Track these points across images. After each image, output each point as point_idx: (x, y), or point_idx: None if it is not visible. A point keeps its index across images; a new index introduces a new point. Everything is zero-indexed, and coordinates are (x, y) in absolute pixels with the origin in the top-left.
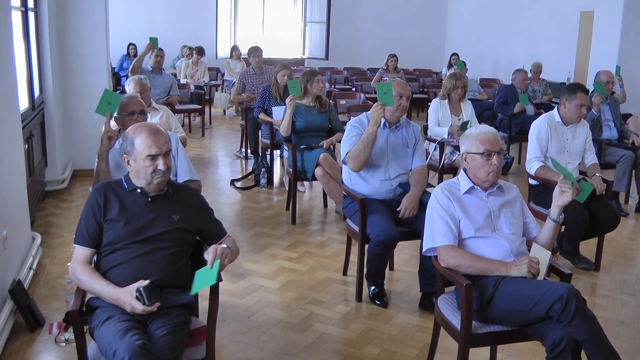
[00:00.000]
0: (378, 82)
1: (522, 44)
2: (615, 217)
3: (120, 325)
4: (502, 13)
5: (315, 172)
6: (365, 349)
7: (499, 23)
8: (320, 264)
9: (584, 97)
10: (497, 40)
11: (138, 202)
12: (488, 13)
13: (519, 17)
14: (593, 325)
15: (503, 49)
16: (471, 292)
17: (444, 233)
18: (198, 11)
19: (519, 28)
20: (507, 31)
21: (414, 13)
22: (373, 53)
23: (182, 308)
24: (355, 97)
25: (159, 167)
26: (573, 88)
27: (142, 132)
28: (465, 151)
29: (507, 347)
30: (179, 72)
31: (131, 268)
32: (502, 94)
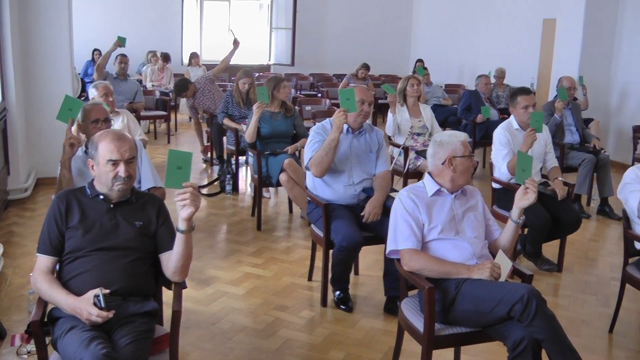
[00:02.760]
0: (340, 89)
1: (486, 50)
2: (577, 219)
3: (84, 335)
4: (466, 20)
5: (280, 177)
6: (330, 353)
7: (464, 30)
8: (285, 269)
9: (525, 99)
10: (462, 47)
11: (100, 209)
12: (453, 20)
13: (484, 23)
14: (553, 325)
15: (468, 55)
16: (433, 295)
17: (407, 236)
18: (164, 17)
19: (484, 34)
20: (471, 38)
21: (380, 19)
22: (339, 59)
23: (146, 316)
24: (321, 103)
25: (119, 174)
26: (514, 94)
27: (107, 137)
28: (451, 155)
29: (471, 348)
30: (144, 78)
31: (93, 276)
32: (465, 99)
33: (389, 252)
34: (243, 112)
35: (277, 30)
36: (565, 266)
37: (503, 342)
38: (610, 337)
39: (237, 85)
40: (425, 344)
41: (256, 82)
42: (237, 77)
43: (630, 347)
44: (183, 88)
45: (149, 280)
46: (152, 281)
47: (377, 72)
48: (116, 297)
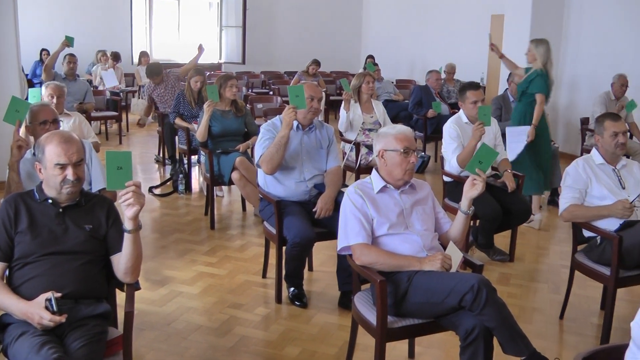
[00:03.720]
0: (289, 86)
1: (436, 45)
2: (527, 210)
3: (36, 340)
4: (416, 16)
5: (232, 176)
6: (285, 349)
7: (414, 25)
8: (239, 267)
9: (474, 94)
10: (412, 43)
11: (49, 214)
12: (403, 16)
13: (433, 19)
14: (503, 313)
15: (418, 51)
16: (385, 288)
17: (358, 231)
18: (112, 16)
19: (434, 30)
20: (421, 33)
21: (330, 16)
22: (290, 56)
23: (98, 318)
24: (273, 100)
25: (67, 177)
26: (463, 89)
27: (53, 140)
28: (382, 149)
29: (425, 340)
30: (94, 78)
31: (44, 281)
32: (416, 94)
33: (341, 248)
34: (194, 111)
35: (227, 29)
36: (516, 256)
37: (455, 332)
38: (560, 322)
39: (188, 84)
40: (379, 337)
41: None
42: (189, 76)
43: (580, 331)
44: (157, 72)
45: (101, 282)
46: (104, 283)
47: (329, 69)
48: (68, 300)
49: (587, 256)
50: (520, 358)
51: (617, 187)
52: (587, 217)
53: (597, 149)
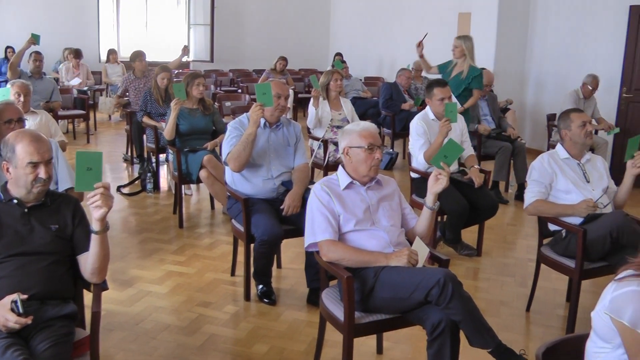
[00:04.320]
0: (257, 84)
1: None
2: (494, 205)
3: (0, 343)
4: (384, 13)
5: (200, 174)
6: (254, 347)
7: (382, 23)
8: (208, 265)
9: (441, 91)
10: (381, 40)
11: (14, 214)
12: (371, 13)
13: (401, 17)
14: (469, 306)
15: (386, 48)
16: (352, 284)
17: (324, 228)
18: (79, 13)
19: (401, 28)
20: (390, 31)
21: (298, 14)
22: (258, 54)
23: (65, 319)
24: (241, 98)
25: (40, 175)
26: (430, 86)
27: (24, 138)
28: (347, 145)
29: (393, 335)
30: (61, 75)
31: (10, 282)
32: (387, 91)
33: (308, 245)
34: (162, 109)
35: (196, 27)
36: (484, 250)
37: (422, 326)
38: (527, 315)
39: (155, 82)
40: (346, 332)
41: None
42: (155, 73)
43: (546, 323)
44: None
45: (67, 283)
46: (71, 284)
47: (297, 67)
48: (34, 301)
49: (552, 249)
50: (486, 350)
51: (582, 181)
52: (552, 214)
53: (562, 144)
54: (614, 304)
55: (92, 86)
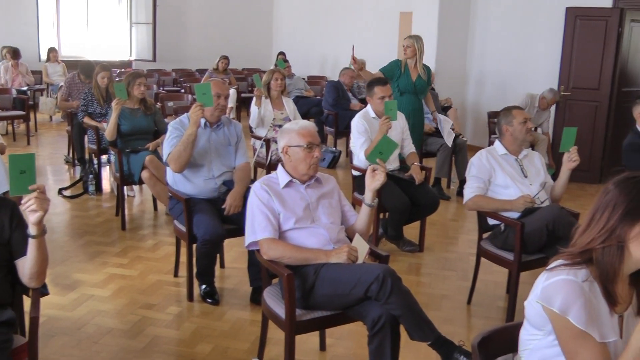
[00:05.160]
0: (197, 84)
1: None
2: (435, 202)
3: None
4: (327, 13)
5: (142, 175)
6: (197, 347)
7: (325, 22)
8: (151, 267)
9: (382, 89)
10: (323, 39)
11: None
12: (313, 13)
13: (344, 16)
14: (408, 300)
15: (329, 47)
16: (293, 281)
17: (265, 226)
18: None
19: (344, 27)
20: (332, 30)
21: (241, 13)
22: (201, 54)
23: (2, 326)
24: (184, 98)
25: None
26: (370, 84)
27: None
28: (286, 144)
29: (336, 331)
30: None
31: None
32: (333, 90)
33: (248, 244)
34: (103, 109)
35: (137, 25)
36: (426, 246)
37: (363, 322)
38: (468, 308)
39: (95, 81)
40: (287, 330)
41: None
42: (95, 73)
43: (486, 315)
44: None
45: (5, 288)
46: (8, 289)
47: (240, 66)
48: None
49: (492, 243)
50: (426, 343)
51: (520, 176)
52: (491, 208)
53: (500, 140)
54: (545, 292)
55: (32, 86)
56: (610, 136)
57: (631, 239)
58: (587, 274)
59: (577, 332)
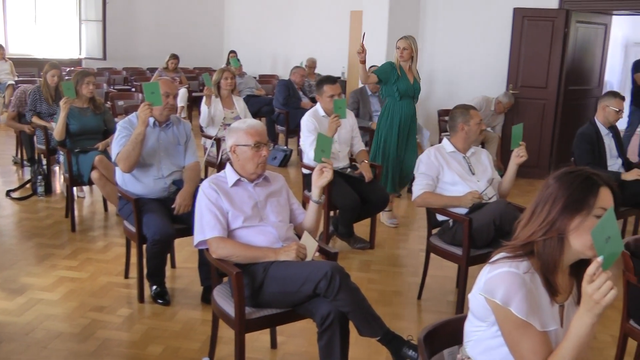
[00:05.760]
0: (144, 83)
1: (298, 41)
2: (385, 199)
3: None
4: (278, 11)
5: (91, 175)
6: (148, 348)
7: (276, 21)
8: (101, 269)
9: (331, 88)
10: (275, 38)
11: None
12: (264, 11)
13: (295, 15)
14: (357, 297)
15: (280, 46)
16: (241, 280)
17: (213, 225)
18: None
19: (295, 26)
20: (283, 29)
21: (192, 11)
22: (152, 52)
23: None
24: (134, 97)
25: None
26: (320, 83)
27: None
28: (234, 144)
29: (287, 329)
30: None
31: None
32: (284, 89)
33: (197, 243)
34: (52, 108)
35: (87, 23)
36: (377, 243)
37: (312, 319)
38: (419, 303)
39: (45, 80)
40: (237, 328)
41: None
42: (45, 71)
43: (437, 309)
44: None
45: None
46: None
47: (192, 65)
48: None
49: (441, 238)
50: (375, 339)
51: (467, 174)
52: (439, 205)
53: (449, 137)
54: (488, 285)
55: None
56: (558, 133)
57: (571, 231)
58: (529, 266)
59: (519, 322)
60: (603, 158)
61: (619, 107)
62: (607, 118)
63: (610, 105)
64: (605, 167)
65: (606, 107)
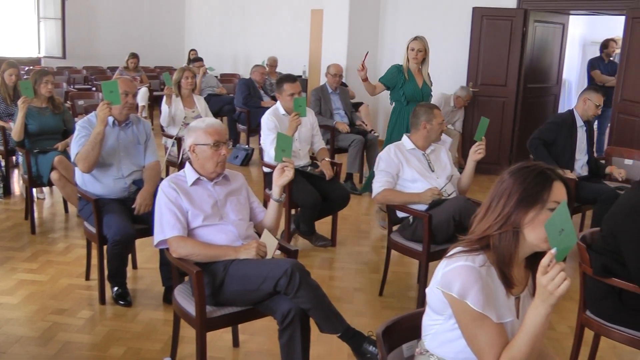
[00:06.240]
0: (103, 82)
1: (259, 39)
2: (345, 196)
3: None
4: (239, 10)
5: (51, 176)
6: (110, 350)
7: (236, 20)
8: (62, 271)
9: (291, 86)
10: (236, 37)
11: None
12: (225, 10)
13: (256, 14)
14: (317, 294)
15: (241, 45)
16: (202, 279)
17: (173, 224)
18: None
19: (256, 24)
20: (244, 28)
21: (153, 9)
22: (113, 51)
23: None
24: (94, 97)
25: None
26: (280, 81)
27: None
28: (193, 143)
29: (249, 328)
30: None
31: None
32: (244, 88)
33: (157, 243)
34: (10, 108)
35: (46, 20)
36: (339, 240)
37: (273, 317)
38: (380, 299)
39: (2, 79)
40: (198, 327)
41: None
42: (2, 70)
43: (398, 305)
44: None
45: None
46: None
47: (153, 64)
48: None
49: (401, 235)
50: (336, 335)
51: (427, 170)
52: (399, 202)
53: (409, 135)
54: (445, 278)
55: None
56: (517, 130)
57: (525, 225)
58: (485, 259)
59: (475, 314)
60: (573, 147)
61: (599, 102)
62: (587, 111)
63: (592, 98)
64: (573, 155)
65: (587, 100)
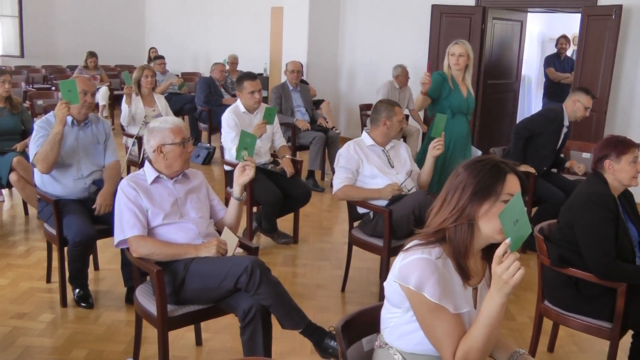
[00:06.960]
0: (61, 81)
1: (220, 38)
2: (307, 193)
3: None
4: (199, 8)
5: (10, 177)
6: (72, 353)
7: (197, 18)
8: (23, 274)
9: (251, 84)
10: (196, 35)
11: None
12: (186, 8)
13: (216, 11)
14: (278, 290)
15: (202, 43)
16: (162, 278)
17: (133, 224)
18: None
19: (217, 22)
20: (205, 26)
21: (113, 7)
22: (73, 50)
23: None
24: (54, 96)
25: None
26: (240, 79)
27: None
28: (159, 143)
29: (212, 326)
30: None
31: None
32: (205, 86)
33: (117, 242)
34: None
35: (2, 18)
36: (301, 237)
37: (235, 314)
38: (342, 295)
39: None
40: (160, 326)
41: None
42: None
43: (361, 301)
44: None
45: None
46: None
47: (113, 62)
48: None
49: (362, 231)
50: (297, 331)
51: (387, 166)
52: (359, 198)
53: (368, 131)
54: (402, 271)
55: None
56: (478, 125)
57: (480, 217)
58: (441, 252)
59: (432, 306)
60: (555, 144)
61: (589, 105)
62: (575, 112)
63: (581, 100)
64: (553, 152)
65: (577, 102)
